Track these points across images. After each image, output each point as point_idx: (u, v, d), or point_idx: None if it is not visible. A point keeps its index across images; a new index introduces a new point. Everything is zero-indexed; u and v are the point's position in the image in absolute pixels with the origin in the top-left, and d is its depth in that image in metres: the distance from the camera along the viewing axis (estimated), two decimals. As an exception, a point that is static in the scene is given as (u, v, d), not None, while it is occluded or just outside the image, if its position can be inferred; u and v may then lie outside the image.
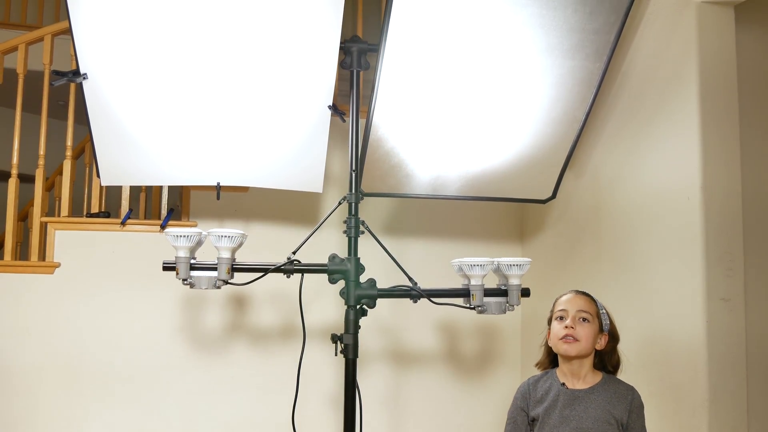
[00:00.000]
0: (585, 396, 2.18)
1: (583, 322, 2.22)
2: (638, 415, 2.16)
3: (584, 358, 2.23)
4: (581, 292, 2.31)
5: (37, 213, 3.59)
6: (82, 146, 4.86)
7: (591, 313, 2.24)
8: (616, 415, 2.13)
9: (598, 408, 2.14)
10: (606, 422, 2.12)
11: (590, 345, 2.22)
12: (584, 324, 2.22)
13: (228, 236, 2.57)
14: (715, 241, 2.57)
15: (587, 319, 2.23)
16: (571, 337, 2.21)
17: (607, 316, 2.27)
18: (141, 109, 2.79)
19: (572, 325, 2.23)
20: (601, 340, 2.24)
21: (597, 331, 2.23)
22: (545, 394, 2.27)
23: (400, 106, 2.81)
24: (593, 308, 2.26)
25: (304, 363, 2.90)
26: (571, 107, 2.93)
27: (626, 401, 2.15)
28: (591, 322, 2.23)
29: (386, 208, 3.84)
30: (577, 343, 2.21)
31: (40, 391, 3.41)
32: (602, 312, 2.26)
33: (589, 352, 2.23)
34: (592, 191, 3.25)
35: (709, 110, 2.62)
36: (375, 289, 2.75)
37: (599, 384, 2.20)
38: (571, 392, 2.20)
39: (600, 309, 2.27)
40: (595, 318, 2.24)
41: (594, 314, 2.24)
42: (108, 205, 4.10)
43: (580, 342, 2.20)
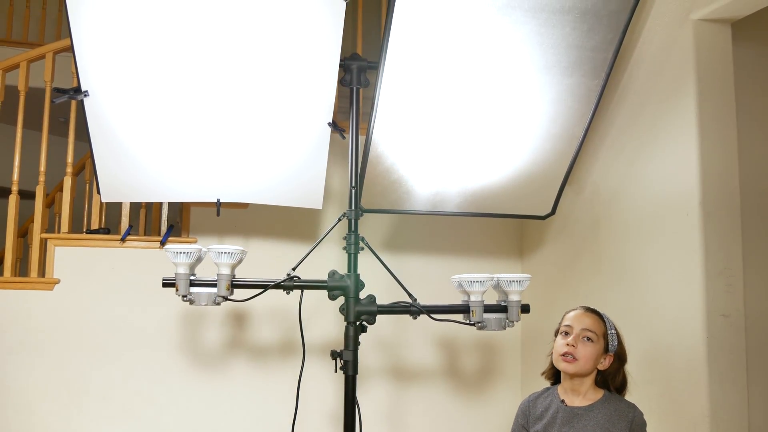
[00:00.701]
0: (584, 413, 2.14)
1: (585, 342, 2.18)
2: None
3: (585, 376, 2.20)
4: (591, 310, 2.26)
5: (37, 229, 3.59)
6: (83, 163, 4.87)
7: (596, 333, 2.19)
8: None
9: (597, 426, 2.10)
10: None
11: (590, 365, 2.18)
12: (586, 343, 2.18)
13: (228, 252, 2.57)
14: (714, 256, 2.57)
15: (591, 338, 2.18)
16: (570, 355, 2.18)
17: (616, 336, 2.21)
18: (141, 125, 2.80)
19: (574, 343, 2.19)
20: (605, 360, 2.20)
21: (600, 352, 2.19)
22: (545, 411, 2.25)
23: (400, 122, 2.82)
24: (600, 328, 2.21)
25: (304, 379, 2.90)
26: (570, 124, 2.94)
27: (627, 419, 2.10)
28: (595, 342, 2.18)
29: (386, 225, 3.84)
30: (575, 363, 2.18)
31: (39, 407, 3.40)
32: (611, 332, 2.20)
33: (590, 371, 2.19)
34: (591, 207, 3.25)
35: (707, 126, 2.63)
36: (375, 306, 2.75)
37: (599, 401, 2.16)
38: (570, 409, 2.18)
39: (609, 329, 2.21)
40: (601, 338, 2.19)
41: (600, 334, 2.19)
42: (108, 221, 4.10)
43: (579, 361, 2.17)
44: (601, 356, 2.19)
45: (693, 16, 2.68)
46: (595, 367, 2.19)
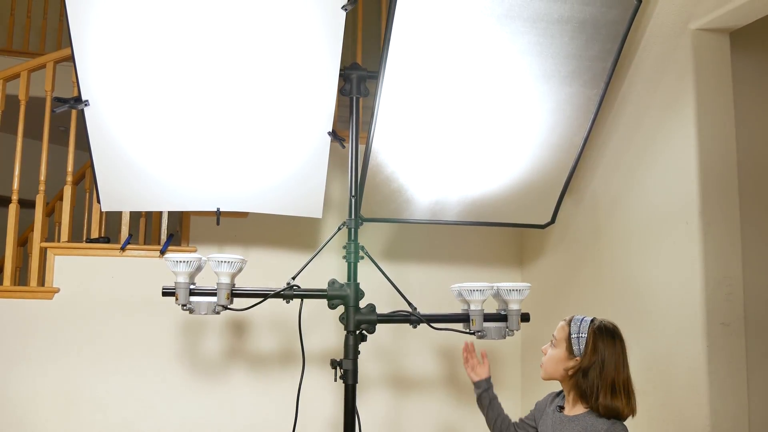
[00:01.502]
0: (567, 423, 2.11)
1: (550, 346, 2.20)
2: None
3: (562, 383, 2.17)
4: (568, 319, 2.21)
5: (37, 238, 3.59)
6: (83, 172, 4.87)
7: (557, 338, 2.17)
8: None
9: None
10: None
11: (551, 368, 2.16)
12: (550, 348, 2.20)
13: (227, 261, 2.57)
14: (714, 265, 2.57)
15: (553, 343, 2.19)
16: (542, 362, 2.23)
17: (587, 341, 2.09)
18: (142, 135, 2.81)
19: (543, 349, 2.23)
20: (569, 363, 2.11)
21: (562, 356, 2.13)
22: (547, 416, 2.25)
23: (400, 132, 2.82)
24: (563, 332, 2.17)
25: (304, 388, 2.89)
26: (570, 133, 2.95)
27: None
28: (556, 347, 2.16)
29: (386, 234, 3.85)
30: (542, 367, 2.21)
31: (38, 417, 3.39)
32: (574, 336, 2.12)
33: (556, 375, 2.16)
34: (591, 216, 3.26)
35: (706, 135, 2.64)
36: (374, 315, 2.75)
37: (582, 415, 2.08)
38: (558, 416, 2.16)
39: (574, 333, 2.12)
40: (562, 341, 2.15)
41: (562, 338, 2.15)
42: (108, 230, 4.10)
43: (544, 365, 2.20)
44: (566, 361, 2.13)
45: (691, 25, 2.69)
46: (559, 372, 2.14)
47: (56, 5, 6.10)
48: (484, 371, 2.57)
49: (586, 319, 2.16)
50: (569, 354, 2.12)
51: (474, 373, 2.58)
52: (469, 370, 2.60)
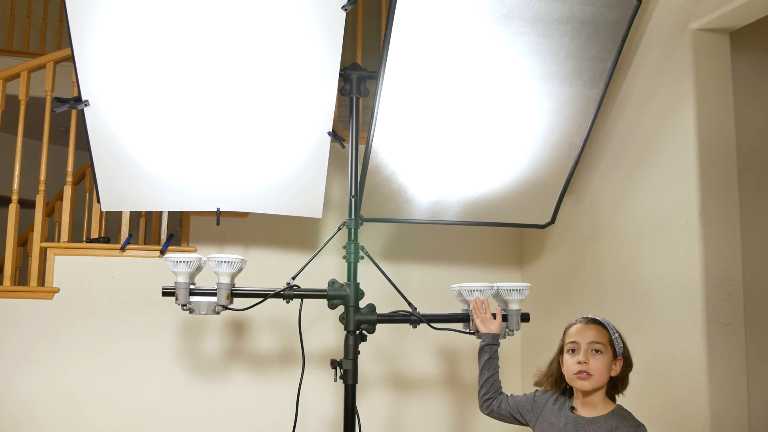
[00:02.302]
0: (587, 425, 2.08)
1: (595, 355, 2.10)
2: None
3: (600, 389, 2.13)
4: (591, 320, 2.18)
5: (36, 238, 3.59)
6: (83, 172, 4.87)
7: (603, 343, 2.11)
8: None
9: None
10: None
11: (605, 376, 2.11)
12: (597, 356, 2.10)
13: (227, 261, 2.57)
14: (714, 265, 2.57)
15: (600, 350, 2.10)
16: (584, 372, 2.10)
17: (620, 339, 2.14)
18: (142, 135, 2.81)
19: (585, 359, 2.11)
20: (616, 366, 2.12)
21: (611, 360, 2.11)
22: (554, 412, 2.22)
23: (400, 132, 2.83)
24: (605, 336, 2.13)
25: (304, 388, 2.89)
26: (569, 133, 2.95)
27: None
28: (604, 353, 2.10)
29: (386, 234, 3.85)
30: (591, 378, 2.10)
31: (38, 417, 3.39)
32: (614, 336, 2.13)
33: (605, 383, 2.12)
34: (591, 216, 3.26)
35: (706, 134, 2.64)
36: (374, 315, 2.75)
37: (606, 415, 2.08)
38: (576, 418, 2.12)
39: (612, 334, 2.14)
40: (608, 346, 2.11)
41: (606, 342, 2.11)
42: (108, 230, 4.10)
43: (594, 376, 2.09)
44: (611, 364, 2.12)
45: (692, 25, 2.69)
46: (607, 378, 2.12)
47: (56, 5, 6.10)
48: (495, 326, 2.55)
49: (603, 318, 2.19)
50: (614, 356, 2.12)
51: (484, 325, 2.55)
52: (479, 322, 2.57)
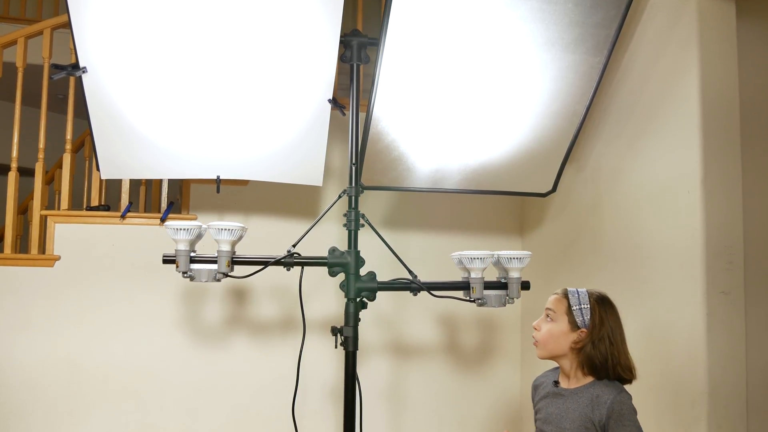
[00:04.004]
0: (569, 396, 2.08)
1: (546, 321, 2.13)
2: (618, 422, 1.97)
3: (562, 358, 2.12)
4: (562, 291, 2.16)
5: (36, 206, 3.59)
6: (82, 140, 4.86)
7: (555, 311, 2.11)
8: (594, 419, 1.99)
9: (577, 410, 2.04)
10: (583, 426, 2.01)
11: (552, 344, 2.10)
12: (546, 323, 2.13)
13: (228, 229, 2.57)
14: (715, 234, 2.57)
15: (550, 317, 2.12)
16: (534, 338, 2.16)
17: (591, 311, 2.08)
18: (141, 102, 2.79)
19: (536, 325, 2.15)
20: (576, 336, 2.07)
21: (565, 330, 2.08)
22: (543, 389, 2.24)
23: (400, 99, 2.81)
24: (561, 306, 2.11)
25: (305, 355, 2.91)
26: (572, 101, 2.93)
27: (605, 406, 1.99)
28: (554, 321, 2.11)
29: (386, 202, 3.84)
30: (538, 344, 2.14)
31: (40, 384, 3.42)
32: (577, 308, 2.09)
33: (557, 351, 2.11)
34: (592, 185, 3.25)
35: (710, 103, 2.62)
36: (375, 282, 2.76)
37: (586, 386, 2.07)
38: (556, 390, 2.13)
39: (575, 305, 2.09)
40: (563, 315, 2.09)
41: (561, 312, 2.10)
42: (108, 198, 4.10)
43: (540, 342, 2.13)
44: (569, 334, 2.08)
45: (696, -9, 2.66)
46: (564, 348, 2.10)
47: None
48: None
49: (580, 290, 2.13)
50: (572, 327, 2.08)
51: None
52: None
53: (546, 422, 2.13)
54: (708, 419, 2.49)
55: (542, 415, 2.16)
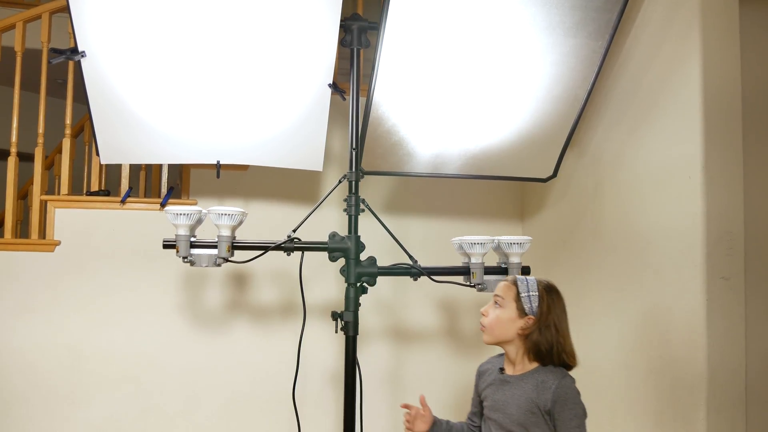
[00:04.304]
0: (514, 382, 2.10)
1: (494, 309, 2.14)
2: (564, 406, 2.00)
3: (509, 344, 2.14)
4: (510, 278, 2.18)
5: (36, 191, 3.58)
6: (82, 124, 4.85)
7: (503, 297, 2.13)
8: (539, 403, 2.01)
9: (522, 396, 2.05)
10: (529, 411, 2.02)
11: (499, 330, 2.12)
12: (493, 309, 2.14)
13: (228, 214, 2.57)
14: (716, 219, 2.57)
15: (498, 303, 2.13)
16: (481, 324, 2.17)
17: (540, 298, 2.09)
18: (140, 87, 2.78)
19: (484, 311, 2.17)
20: (524, 323, 2.09)
21: (512, 316, 2.10)
22: (488, 376, 2.24)
23: (401, 84, 2.79)
24: (510, 292, 2.13)
25: (305, 340, 2.92)
26: (573, 86, 2.92)
27: (550, 390, 2.01)
28: (502, 307, 2.12)
29: (387, 187, 3.84)
30: (485, 330, 2.15)
31: (41, 368, 3.43)
32: (525, 295, 2.10)
33: (503, 337, 2.12)
34: (593, 170, 3.24)
35: (711, 89, 2.61)
36: (375, 267, 2.76)
37: (530, 372, 2.09)
38: (502, 378, 2.15)
39: (524, 292, 2.11)
40: (510, 302, 2.11)
41: (510, 298, 2.11)
42: (108, 183, 4.09)
43: (487, 328, 2.14)
44: (517, 321, 2.10)
45: (699, -25, 2.64)
46: (511, 334, 2.11)
47: (51, -46, 5.98)
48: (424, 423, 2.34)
49: (529, 278, 2.15)
50: (520, 313, 2.10)
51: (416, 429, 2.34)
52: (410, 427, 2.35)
53: (493, 409, 2.14)
54: (707, 404, 2.50)
55: (489, 402, 2.17)
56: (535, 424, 2.02)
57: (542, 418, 2.01)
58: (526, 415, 2.03)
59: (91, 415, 3.47)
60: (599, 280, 3.12)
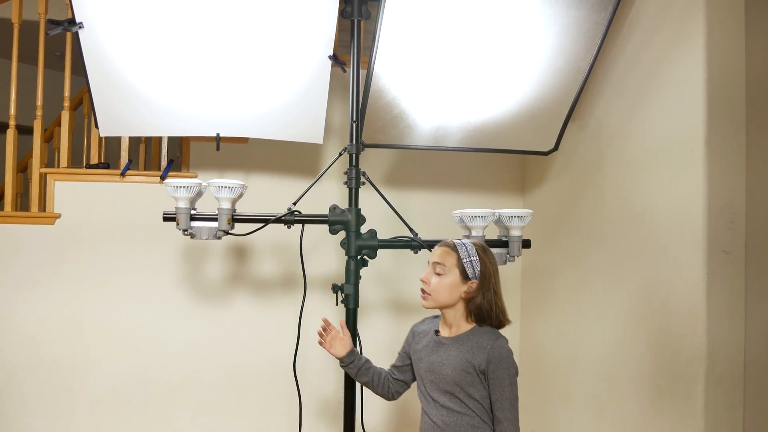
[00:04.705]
0: (450, 344, 2.15)
1: (436, 274, 2.18)
2: (498, 365, 2.07)
3: (450, 308, 2.18)
4: (447, 243, 2.20)
5: (36, 164, 3.57)
6: (80, 97, 4.81)
7: (445, 264, 2.16)
8: (474, 363, 2.07)
9: (458, 356, 2.10)
10: (464, 371, 2.08)
11: (444, 296, 2.16)
12: (436, 276, 2.18)
13: (228, 187, 2.56)
14: (717, 193, 2.56)
15: (440, 270, 2.17)
16: (422, 291, 2.21)
17: (480, 262, 2.14)
18: (139, 58, 2.76)
19: (425, 278, 2.21)
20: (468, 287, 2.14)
21: (456, 282, 2.14)
22: (424, 336, 2.28)
23: (402, 56, 2.77)
24: (450, 259, 2.16)
25: (305, 313, 2.93)
26: (575, 58, 2.90)
27: (485, 351, 2.08)
28: (445, 274, 2.16)
29: (387, 160, 3.82)
30: (429, 297, 2.19)
31: (43, 341, 3.44)
32: (467, 260, 2.14)
33: (448, 302, 2.17)
34: (594, 143, 3.23)
35: (715, 62, 2.58)
36: (376, 240, 2.76)
37: (466, 333, 2.15)
38: (438, 339, 2.20)
39: (464, 258, 2.14)
40: (453, 268, 2.15)
41: (452, 264, 2.15)
42: (107, 156, 4.08)
43: (431, 296, 2.18)
44: (461, 286, 2.14)
45: (704, -55, 2.60)
46: (455, 298, 2.16)
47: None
48: (338, 348, 2.46)
49: (467, 242, 2.18)
50: (463, 279, 2.14)
51: (334, 350, 2.46)
52: (327, 347, 2.47)
53: (428, 371, 2.18)
54: (706, 377, 2.51)
55: (424, 364, 2.21)
56: (470, 383, 2.09)
57: (477, 377, 2.08)
58: (461, 374, 2.09)
59: (94, 387, 3.49)
60: (600, 254, 3.12)
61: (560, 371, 3.44)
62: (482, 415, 2.09)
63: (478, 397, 2.09)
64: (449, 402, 2.12)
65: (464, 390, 2.09)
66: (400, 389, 2.46)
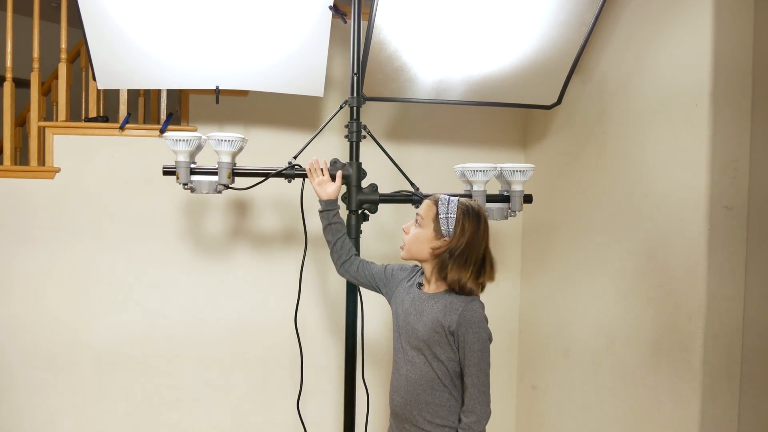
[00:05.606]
0: (426, 300, 2.15)
1: (416, 227, 2.17)
2: (468, 329, 2.06)
3: (424, 263, 2.18)
4: (433, 197, 2.19)
5: (34, 118, 3.54)
6: (78, 49, 4.75)
7: (423, 216, 2.15)
8: (444, 324, 2.07)
9: (431, 314, 2.10)
10: (433, 329, 2.08)
11: (416, 248, 2.16)
12: (415, 227, 2.17)
13: (228, 140, 2.54)
14: (722, 148, 2.54)
15: (419, 223, 2.16)
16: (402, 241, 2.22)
17: (457, 222, 2.10)
18: (136, 9, 2.71)
19: (405, 228, 2.21)
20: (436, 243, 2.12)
21: (429, 236, 2.13)
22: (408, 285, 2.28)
23: (404, 7, 2.72)
24: (430, 212, 2.14)
25: (306, 267, 2.93)
26: (580, 10, 2.85)
27: (456, 312, 2.07)
28: (421, 227, 2.15)
29: (388, 113, 3.79)
30: (404, 247, 2.20)
31: (45, 294, 3.46)
32: (444, 217, 2.11)
33: (419, 256, 2.17)
34: (598, 97, 3.19)
35: (723, 15, 2.54)
36: (377, 194, 2.75)
37: (442, 293, 2.14)
38: (419, 293, 2.20)
39: (443, 213, 2.12)
40: (430, 222, 2.13)
41: (429, 218, 2.14)
42: (106, 110, 4.04)
43: (405, 245, 2.19)
44: (433, 241, 2.13)
45: None
46: (424, 252, 2.15)
47: None
48: (330, 190, 2.53)
49: (453, 199, 2.15)
50: (437, 234, 2.12)
51: (320, 189, 2.54)
52: (314, 186, 2.55)
53: (405, 323, 2.20)
54: (704, 333, 2.52)
55: (402, 314, 2.22)
56: (437, 342, 2.09)
57: (445, 338, 2.07)
58: (430, 333, 2.09)
59: (96, 339, 3.52)
60: (601, 208, 3.11)
61: (560, 326, 3.46)
62: (443, 377, 2.09)
63: (443, 359, 2.09)
64: (416, 357, 2.14)
65: (430, 348, 2.09)
66: (354, 273, 2.49)
